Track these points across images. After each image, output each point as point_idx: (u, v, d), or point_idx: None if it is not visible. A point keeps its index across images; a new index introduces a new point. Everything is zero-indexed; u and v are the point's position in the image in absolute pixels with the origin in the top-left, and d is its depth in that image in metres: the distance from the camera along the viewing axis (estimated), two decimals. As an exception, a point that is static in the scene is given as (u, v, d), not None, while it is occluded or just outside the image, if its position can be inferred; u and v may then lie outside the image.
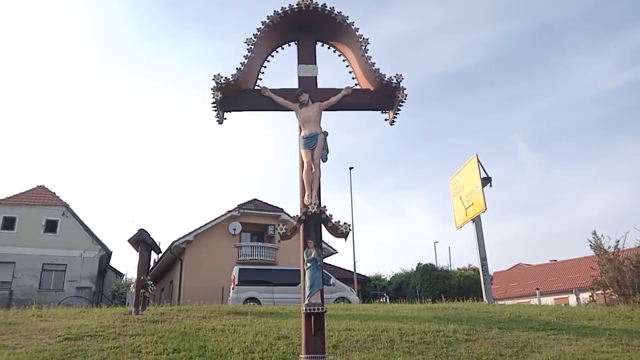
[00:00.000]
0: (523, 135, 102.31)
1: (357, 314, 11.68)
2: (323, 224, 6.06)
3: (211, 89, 6.35)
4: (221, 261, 24.36)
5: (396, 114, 6.70)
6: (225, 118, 6.66)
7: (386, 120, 6.90)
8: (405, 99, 6.50)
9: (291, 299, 16.99)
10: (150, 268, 14.81)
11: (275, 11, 6.69)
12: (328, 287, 19.50)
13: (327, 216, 5.96)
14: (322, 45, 7.05)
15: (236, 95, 6.59)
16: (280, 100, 6.63)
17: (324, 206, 6.03)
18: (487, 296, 18.68)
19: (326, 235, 6.24)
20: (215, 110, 6.51)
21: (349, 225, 6.06)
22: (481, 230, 19.75)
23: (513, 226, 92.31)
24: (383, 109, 6.87)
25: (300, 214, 6.02)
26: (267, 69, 6.91)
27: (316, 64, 6.88)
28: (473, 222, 20.04)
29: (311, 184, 6.15)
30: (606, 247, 22.06)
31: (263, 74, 6.87)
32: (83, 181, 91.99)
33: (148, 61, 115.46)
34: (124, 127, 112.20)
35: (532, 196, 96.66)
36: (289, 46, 7.05)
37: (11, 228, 28.33)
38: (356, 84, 6.86)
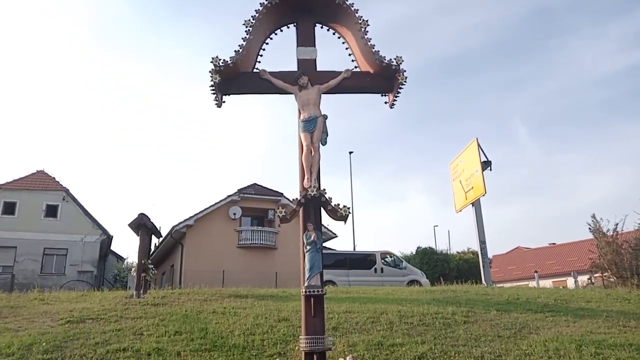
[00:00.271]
0: (523, 119, 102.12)
1: (357, 297, 11.77)
2: (322, 207, 6.08)
3: (209, 72, 6.31)
4: (221, 245, 24.45)
5: (396, 97, 6.67)
6: (224, 101, 6.64)
7: (386, 103, 6.87)
8: (405, 82, 6.46)
9: (366, 282, 18.42)
10: (151, 252, 14.88)
11: (273, -8, 6.58)
12: (400, 271, 20.35)
13: (327, 199, 5.97)
14: (322, 27, 6.97)
15: (235, 78, 6.55)
16: (279, 83, 6.58)
17: (324, 189, 6.04)
18: (486, 279, 18.85)
19: (326, 218, 6.28)
20: (214, 93, 6.47)
21: (349, 208, 6.07)
22: (480, 213, 19.85)
23: (512, 210, 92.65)
24: (383, 92, 6.84)
25: (299, 197, 6.03)
26: (266, 52, 6.86)
27: (315, 47, 6.82)
28: (472, 206, 20.13)
29: (310, 167, 6.15)
30: (605, 231, 22.22)
31: (262, 57, 6.82)
32: (82, 167, 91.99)
33: (147, 61, 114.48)
34: (124, 127, 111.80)
35: (532, 180, 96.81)
36: (288, 28, 6.98)
37: (12, 213, 28.38)
38: (356, 67, 6.81)
